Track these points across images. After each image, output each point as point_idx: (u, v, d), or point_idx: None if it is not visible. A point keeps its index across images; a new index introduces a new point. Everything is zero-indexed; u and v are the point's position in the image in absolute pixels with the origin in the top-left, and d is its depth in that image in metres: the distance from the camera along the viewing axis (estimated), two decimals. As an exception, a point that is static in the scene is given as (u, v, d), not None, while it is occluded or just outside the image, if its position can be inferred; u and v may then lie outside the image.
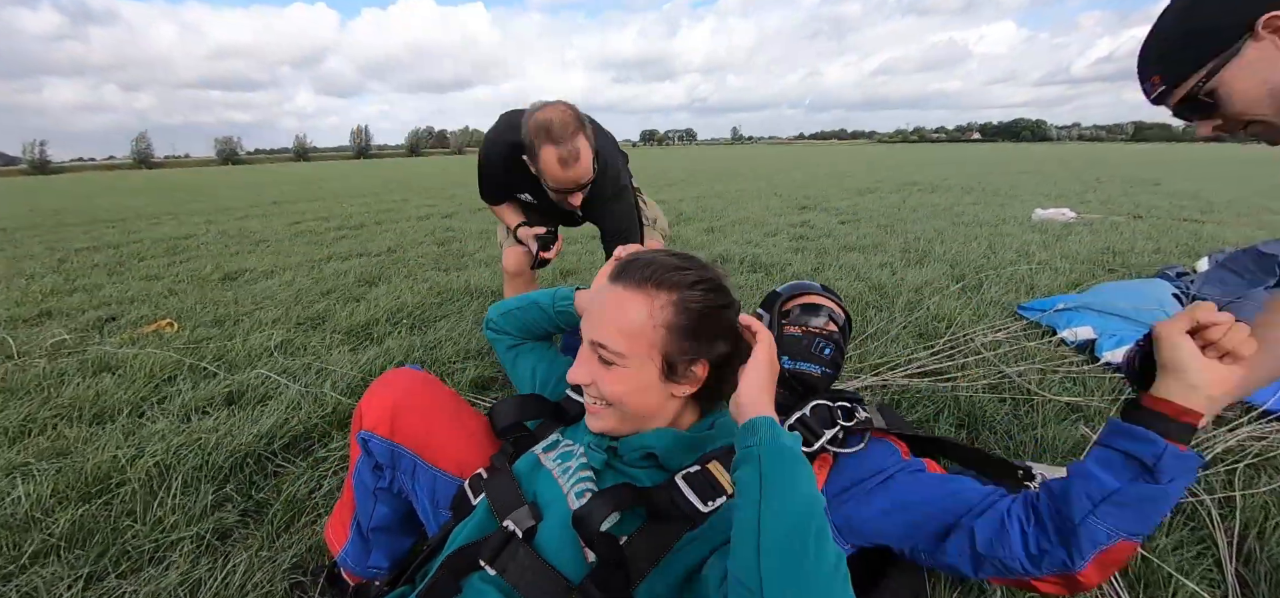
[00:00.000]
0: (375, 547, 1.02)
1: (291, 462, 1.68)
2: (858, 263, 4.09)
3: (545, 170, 1.69)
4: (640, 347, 0.76)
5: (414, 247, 5.26)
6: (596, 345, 0.77)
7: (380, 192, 12.14)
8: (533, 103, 1.74)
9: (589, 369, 0.79)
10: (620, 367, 0.76)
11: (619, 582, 0.66)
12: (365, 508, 1.00)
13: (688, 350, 0.78)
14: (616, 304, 0.78)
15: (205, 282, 4.05)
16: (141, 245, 5.75)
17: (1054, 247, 4.56)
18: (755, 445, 0.65)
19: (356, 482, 1.00)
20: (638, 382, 0.77)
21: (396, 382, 0.96)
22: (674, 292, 0.78)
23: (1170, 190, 8.96)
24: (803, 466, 0.63)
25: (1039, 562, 0.78)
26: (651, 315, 0.76)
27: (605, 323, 0.77)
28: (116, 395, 2.13)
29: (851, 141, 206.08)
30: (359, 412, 0.96)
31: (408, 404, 0.93)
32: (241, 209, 9.23)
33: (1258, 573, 1.19)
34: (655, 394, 0.79)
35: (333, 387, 2.11)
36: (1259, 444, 1.61)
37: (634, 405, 0.78)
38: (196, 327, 2.99)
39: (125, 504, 1.48)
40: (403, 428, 0.93)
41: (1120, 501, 0.73)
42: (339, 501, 1.10)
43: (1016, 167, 16.57)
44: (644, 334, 0.76)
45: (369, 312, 3.09)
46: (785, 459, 0.63)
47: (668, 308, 0.77)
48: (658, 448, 0.78)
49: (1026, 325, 2.72)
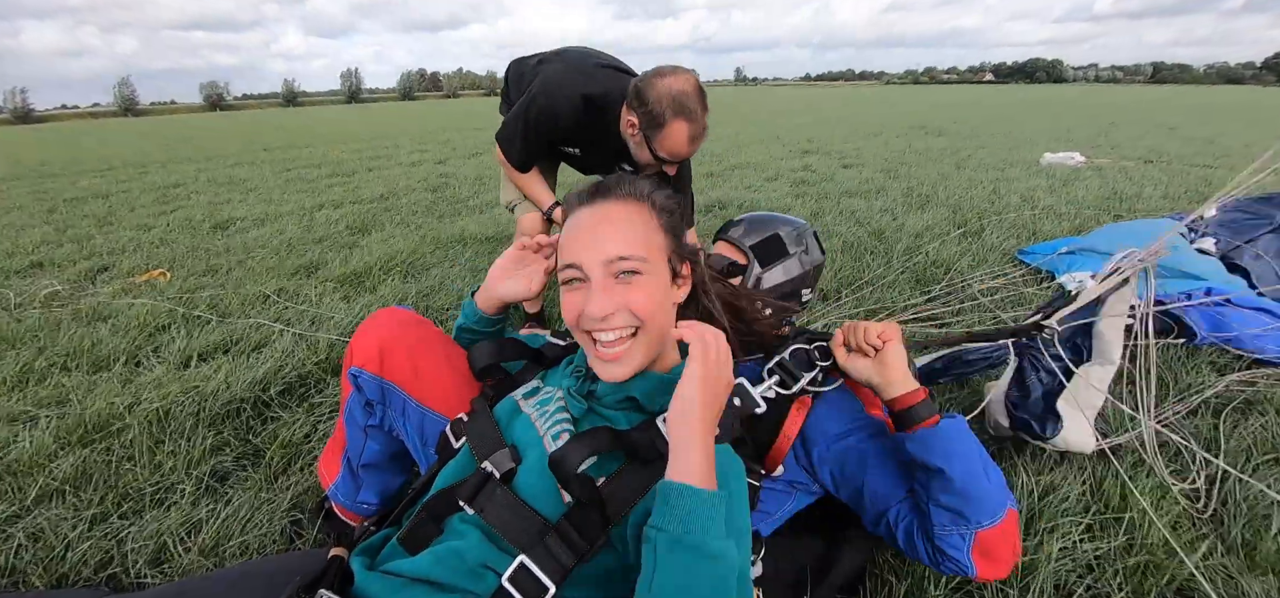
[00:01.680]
0: (365, 484, 1.04)
1: (287, 408, 1.70)
2: (858, 208, 4.03)
3: (669, 142, 1.63)
4: (654, 250, 0.76)
5: (407, 193, 5.18)
6: (614, 262, 0.73)
7: (372, 137, 11.86)
8: (652, 68, 1.65)
9: (611, 297, 0.73)
10: (646, 275, 0.75)
11: (596, 522, 0.66)
12: (355, 444, 1.01)
13: (680, 251, 0.81)
14: (619, 215, 0.76)
15: (197, 230, 4.01)
16: (131, 194, 5.66)
17: (1060, 192, 4.48)
18: (656, 530, 0.58)
19: (347, 418, 1.01)
20: (660, 290, 0.77)
21: (386, 320, 0.95)
22: (653, 197, 0.80)
23: (1186, 135, 8.73)
24: (704, 563, 0.56)
25: (945, 568, 0.82)
26: (650, 218, 0.77)
27: (618, 235, 0.74)
28: (112, 344, 2.13)
29: (859, 82, 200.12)
30: (350, 349, 0.96)
31: (396, 341, 0.93)
32: (231, 156, 9.05)
33: (1235, 514, 1.21)
34: (669, 304, 0.79)
35: (326, 333, 2.11)
36: (1248, 390, 1.62)
37: (659, 321, 0.77)
38: (189, 276, 2.97)
39: (125, 449, 1.50)
40: (391, 365, 0.92)
41: (933, 501, 0.79)
42: (332, 436, 1.11)
43: (1029, 109, 16.12)
44: (653, 237, 0.77)
45: (362, 259, 3.07)
46: (681, 559, 0.56)
47: (656, 211, 0.79)
48: (638, 391, 0.77)
49: (1026, 271, 2.69)
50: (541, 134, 1.86)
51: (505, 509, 0.68)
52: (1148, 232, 2.69)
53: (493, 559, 0.67)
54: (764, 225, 1.37)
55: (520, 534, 0.67)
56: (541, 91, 1.81)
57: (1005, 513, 0.80)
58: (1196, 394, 1.59)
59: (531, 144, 1.89)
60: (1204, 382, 1.67)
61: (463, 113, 23.92)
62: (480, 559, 0.67)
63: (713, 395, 0.67)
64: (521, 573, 0.64)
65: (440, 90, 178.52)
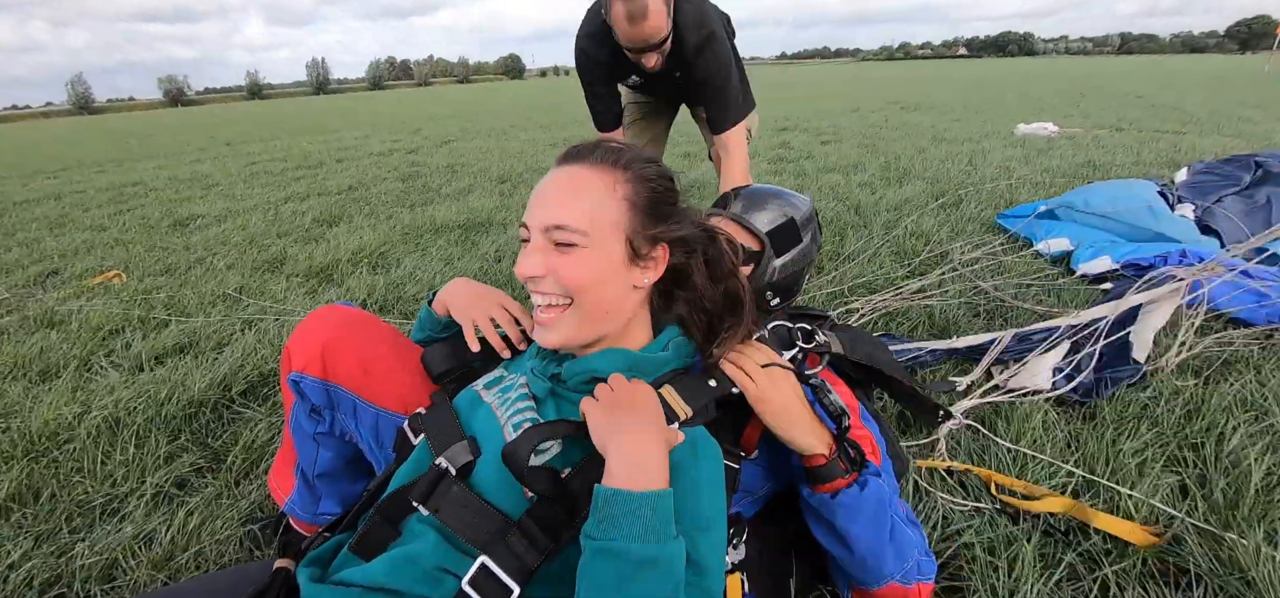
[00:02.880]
0: (324, 494, 0.97)
1: (249, 407, 1.61)
2: (837, 183, 4.01)
3: (615, 29, 1.65)
4: (603, 224, 0.69)
5: (377, 184, 5.02)
6: (551, 230, 0.68)
7: (340, 128, 11.51)
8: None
9: (542, 259, 0.69)
10: (582, 249, 0.68)
11: (560, 517, 0.61)
12: (307, 454, 0.94)
13: (650, 231, 0.72)
14: (572, 182, 0.70)
15: (154, 229, 3.83)
16: (85, 195, 5.40)
17: (1035, 161, 4.52)
18: (585, 538, 0.55)
19: (294, 428, 0.93)
20: (601, 266, 0.69)
21: (327, 317, 0.88)
22: (628, 167, 0.72)
23: (1153, 103, 8.89)
24: (629, 569, 0.52)
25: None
26: (613, 189, 0.70)
27: (561, 201, 0.69)
28: (62, 350, 2.02)
29: (835, 60, 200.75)
30: (286, 353, 0.88)
31: (341, 342, 0.85)
32: (192, 152, 8.71)
33: (1212, 475, 1.21)
34: (618, 284, 0.71)
35: (290, 330, 2.02)
36: (1227, 350, 1.63)
37: (597, 298, 0.70)
38: (145, 276, 2.83)
39: (75, 460, 1.41)
40: (336, 366, 0.85)
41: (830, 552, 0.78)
42: (280, 449, 1.04)
43: (1002, 82, 16.30)
44: (606, 210, 0.69)
45: (329, 253, 2.95)
46: (606, 566, 0.53)
47: (627, 183, 0.71)
48: (603, 369, 0.72)
49: (1005, 240, 2.70)
50: (593, 82, 1.96)
51: (462, 508, 0.63)
52: (1124, 190, 2.70)
53: (451, 562, 0.62)
54: (771, 203, 1.15)
55: (479, 534, 0.62)
56: (577, 47, 1.90)
57: (888, 584, 0.76)
58: (1183, 350, 1.59)
59: (590, 96, 2.00)
60: (1186, 341, 1.68)
61: (435, 100, 23.39)
62: (437, 562, 0.62)
63: (640, 401, 0.64)
64: (482, 575, 0.59)
65: (412, 79, 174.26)
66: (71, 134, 17.00)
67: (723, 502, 0.65)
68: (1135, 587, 0.96)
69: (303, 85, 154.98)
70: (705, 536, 0.60)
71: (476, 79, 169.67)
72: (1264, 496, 1.12)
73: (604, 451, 0.60)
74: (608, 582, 0.52)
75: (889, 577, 0.76)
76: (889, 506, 0.77)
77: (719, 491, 0.64)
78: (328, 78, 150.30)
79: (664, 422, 0.65)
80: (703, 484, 0.62)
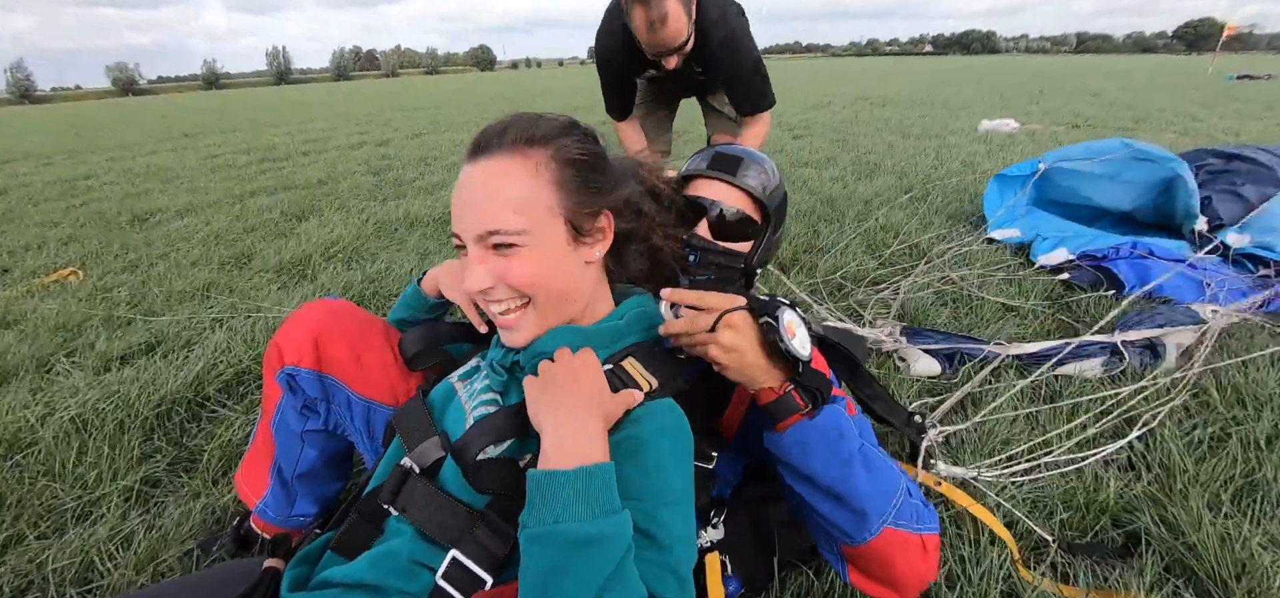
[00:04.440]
0: (301, 495, 0.95)
1: (224, 406, 1.58)
2: (810, 177, 4.09)
3: (637, 34, 1.65)
4: (537, 216, 0.65)
5: (347, 177, 4.90)
6: (486, 237, 0.64)
7: (305, 120, 11.15)
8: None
9: (488, 270, 0.65)
10: (524, 247, 0.65)
11: (519, 506, 0.58)
12: (289, 454, 0.92)
13: (587, 202, 0.68)
14: (493, 178, 0.65)
15: (112, 225, 3.67)
16: (33, 189, 5.12)
17: (998, 156, 4.69)
18: (521, 526, 0.54)
19: (279, 426, 0.91)
20: (547, 257, 0.66)
21: (316, 309, 0.87)
22: (546, 145, 0.67)
23: (1108, 101, 9.29)
24: (559, 552, 0.51)
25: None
26: (535, 176, 0.65)
27: (490, 204, 0.64)
28: (19, 352, 1.93)
29: (806, 55, 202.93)
30: (274, 348, 0.86)
31: (333, 333, 0.85)
32: (148, 144, 8.32)
33: (1157, 448, 1.31)
34: (570, 268, 0.68)
35: (264, 326, 1.98)
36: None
37: (551, 290, 0.68)
38: (106, 273, 2.72)
39: (41, 464, 1.36)
40: (331, 357, 0.85)
41: (804, 505, 0.73)
42: (251, 449, 1.01)
43: (965, 78, 16.78)
44: (536, 201, 0.65)
45: (300, 247, 2.88)
46: (539, 552, 0.52)
47: (548, 164, 0.66)
48: (553, 351, 0.68)
49: (968, 230, 2.81)
50: (610, 76, 1.97)
51: (428, 505, 0.63)
52: (1099, 146, 2.68)
53: (426, 556, 0.63)
54: (765, 168, 1.01)
55: (447, 529, 0.62)
56: (596, 43, 1.92)
57: (881, 529, 0.69)
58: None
59: (606, 87, 2.03)
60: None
61: (403, 92, 22.82)
62: (413, 557, 0.63)
63: (575, 375, 0.62)
64: (455, 568, 0.60)
65: (378, 69, 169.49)
66: (14, 125, 16.02)
67: (690, 472, 0.64)
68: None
69: (263, 75, 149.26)
70: (669, 510, 0.58)
71: (446, 70, 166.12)
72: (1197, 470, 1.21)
73: (540, 431, 0.59)
74: (543, 566, 0.51)
75: (877, 520, 0.68)
76: (849, 435, 0.70)
77: (684, 461, 0.63)
78: (289, 67, 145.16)
79: (603, 394, 0.63)
80: (666, 456, 0.61)
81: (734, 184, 0.97)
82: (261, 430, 0.95)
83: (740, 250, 0.98)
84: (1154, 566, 1.00)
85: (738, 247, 0.98)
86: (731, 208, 0.97)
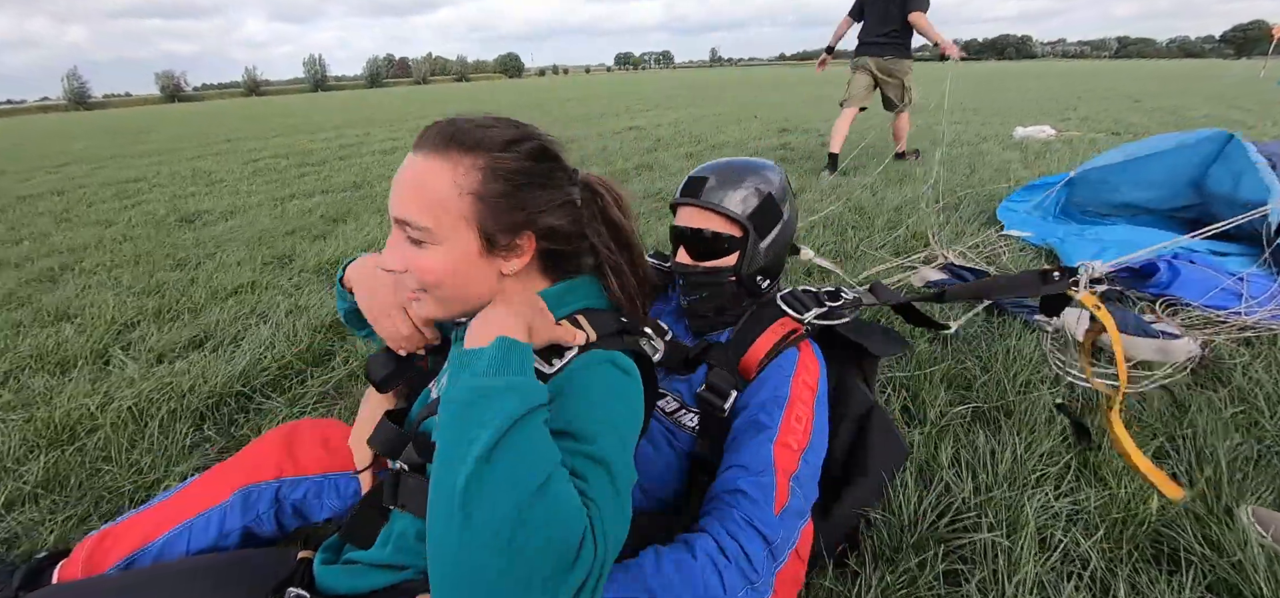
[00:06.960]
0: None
1: (269, 398, 1.66)
2: (839, 184, 4.07)
3: None
4: (447, 220, 0.64)
5: (381, 181, 5.05)
6: (401, 223, 0.66)
7: (340, 126, 11.51)
8: None
9: (401, 253, 0.67)
10: (431, 245, 0.65)
11: None
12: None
13: (507, 222, 0.67)
14: (415, 173, 0.66)
15: (162, 225, 3.86)
16: (88, 190, 5.42)
17: (1033, 165, 4.58)
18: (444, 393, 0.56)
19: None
20: (453, 261, 0.66)
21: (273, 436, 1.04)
22: (479, 154, 0.66)
23: (1150, 107, 8.97)
24: (469, 411, 0.54)
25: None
26: (455, 182, 0.64)
27: (404, 195, 0.65)
28: (78, 343, 2.05)
29: (835, 60, 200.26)
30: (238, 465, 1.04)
31: (298, 432, 1.01)
32: (192, 149, 8.71)
33: (1203, 463, 1.27)
34: (479, 272, 0.68)
35: (308, 324, 2.06)
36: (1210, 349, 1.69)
37: (454, 289, 0.68)
38: (157, 271, 2.86)
39: (100, 449, 1.45)
40: (300, 456, 1.02)
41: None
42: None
43: (1000, 84, 16.38)
44: (449, 205, 0.64)
45: (339, 248, 2.99)
46: (443, 424, 0.54)
47: (474, 172, 0.65)
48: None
49: (1000, 238, 2.75)
50: None
51: (421, 494, 0.65)
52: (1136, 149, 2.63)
53: None
54: (746, 180, 1.02)
55: None
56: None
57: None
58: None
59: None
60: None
61: (435, 98, 23.36)
62: (421, 535, 0.68)
63: (507, 298, 0.67)
64: None
65: (410, 76, 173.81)
66: (70, 129, 16.93)
67: (631, 411, 0.68)
68: (1126, 568, 1.01)
69: (300, 82, 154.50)
70: (612, 435, 0.62)
71: (475, 77, 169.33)
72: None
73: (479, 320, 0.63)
74: (445, 425, 0.54)
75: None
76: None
77: (619, 399, 0.66)
78: (325, 75, 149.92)
79: (534, 315, 0.65)
80: (593, 389, 0.65)
81: (699, 205, 1.00)
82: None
83: (724, 265, 1.01)
84: (1195, 585, 0.98)
85: (721, 263, 1.01)
86: (706, 230, 1.00)
